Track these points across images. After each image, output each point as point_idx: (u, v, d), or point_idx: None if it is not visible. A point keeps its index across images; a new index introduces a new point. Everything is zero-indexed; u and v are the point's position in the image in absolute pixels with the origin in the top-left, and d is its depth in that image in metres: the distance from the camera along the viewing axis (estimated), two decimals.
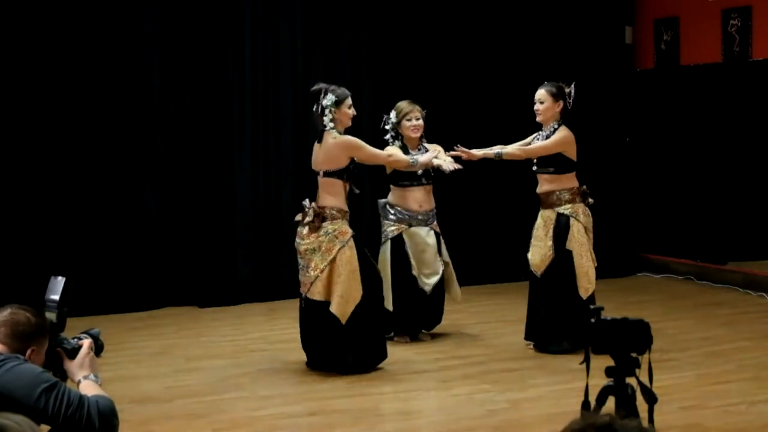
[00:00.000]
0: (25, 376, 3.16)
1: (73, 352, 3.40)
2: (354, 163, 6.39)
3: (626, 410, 3.33)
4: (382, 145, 7.19)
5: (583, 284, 6.75)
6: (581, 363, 3.44)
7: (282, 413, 5.63)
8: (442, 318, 7.34)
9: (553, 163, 6.81)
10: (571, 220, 6.77)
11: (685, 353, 6.72)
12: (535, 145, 6.87)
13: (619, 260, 9.68)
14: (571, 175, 6.88)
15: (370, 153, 6.49)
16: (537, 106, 6.85)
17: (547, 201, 6.86)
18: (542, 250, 6.80)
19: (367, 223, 7.85)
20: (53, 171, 8.10)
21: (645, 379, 3.38)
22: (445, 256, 7.28)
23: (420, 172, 7.08)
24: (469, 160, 6.95)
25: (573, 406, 3.65)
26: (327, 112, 6.31)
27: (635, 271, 9.82)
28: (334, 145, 6.31)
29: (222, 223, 8.60)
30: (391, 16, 9.10)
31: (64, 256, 7.91)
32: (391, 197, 7.22)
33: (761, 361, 6.52)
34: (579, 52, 9.52)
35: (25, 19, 7.94)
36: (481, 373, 6.37)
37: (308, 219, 6.31)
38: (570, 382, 5.86)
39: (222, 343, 7.30)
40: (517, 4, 9.46)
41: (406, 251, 7.09)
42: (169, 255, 8.49)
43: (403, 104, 7.21)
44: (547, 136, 6.83)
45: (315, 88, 6.42)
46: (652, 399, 3.35)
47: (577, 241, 6.76)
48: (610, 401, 3.37)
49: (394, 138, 7.18)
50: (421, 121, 7.15)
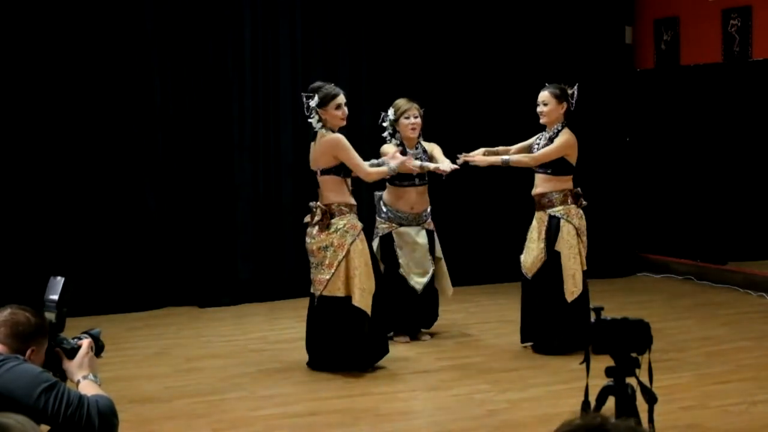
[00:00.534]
0: (25, 376, 3.16)
1: (72, 352, 3.40)
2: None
3: (626, 410, 3.33)
4: (380, 143, 7.19)
5: (569, 287, 6.68)
6: (581, 363, 3.45)
7: (282, 413, 5.63)
8: (439, 316, 7.32)
9: (552, 164, 6.77)
10: (562, 222, 6.72)
11: (685, 353, 6.72)
12: (540, 152, 6.78)
13: (619, 260, 9.69)
14: (568, 178, 6.83)
15: (352, 161, 6.30)
16: (541, 108, 6.80)
17: (540, 202, 6.83)
18: (534, 252, 6.78)
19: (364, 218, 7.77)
20: (53, 171, 8.10)
21: (645, 379, 3.38)
22: (438, 252, 7.24)
23: (415, 173, 7.01)
24: (475, 166, 6.93)
25: (573, 406, 3.65)
26: (313, 113, 6.32)
27: (635, 271, 9.82)
28: (322, 143, 6.32)
29: (222, 223, 8.60)
30: (391, 16, 9.10)
31: (64, 256, 7.91)
32: (386, 195, 7.19)
33: (761, 361, 6.53)
34: (579, 52, 9.52)
35: (26, 19, 7.94)
36: (481, 373, 6.37)
37: (317, 218, 6.31)
38: (570, 382, 5.86)
39: (222, 343, 7.30)
40: (518, 5, 9.46)
41: (395, 250, 7.07)
42: (169, 255, 8.49)
43: (402, 102, 7.16)
44: (551, 138, 6.77)
45: (311, 87, 6.42)
46: (652, 399, 3.35)
47: (567, 243, 6.71)
48: (610, 401, 3.37)
49: (392, 135, 7.15)
50: (419, 120, 7.10)
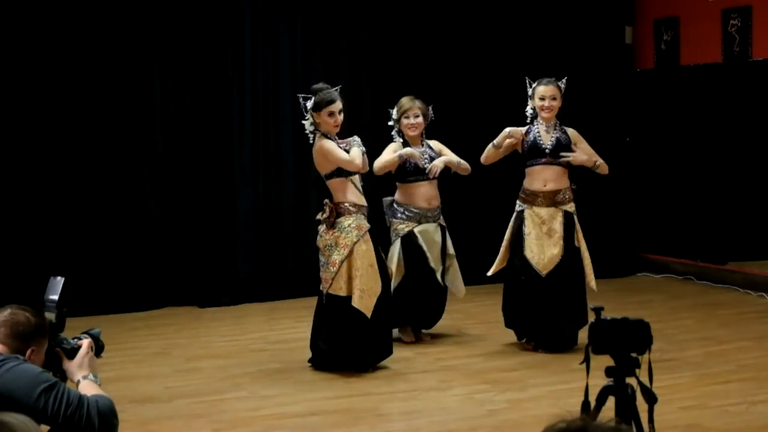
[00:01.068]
0: (25, 376, 3.16)
1: (72, 352, 3.40)
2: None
3: (626, 410, 3.33)
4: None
5: (592, 278, 6.87)
6: (581, 363, 3.45)
7: (282, 413, 5.63)
8: (442, 316, 7.32)
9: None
10: (575, 218, 6.84)
11: (685, 353, 6.72)
12: (592, 151, 6.90)
13: (619, 260, 9.68)
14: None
15: (339, 161, 6.27)
16: (549, 103, 6.77)
17: (555, 199, 6.81)
18: (553, 250, 6.74)
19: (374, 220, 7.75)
20: (53, 171, 8.10)
21: (645, 379, 3.38)
22: (450, 249, 7.18)
23: (426, 168, 6.96)
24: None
25: (573, 406, 3.65)
26: (308, 116, 6.33)
27: (635, 271, 9.81)
28: (314, 153, 6.37)
29: (222, 223, 8.60)
30: (391, 16, 9.10)
31: (64, 256, 7.91)
32: (399, 196, 7.08)
33: (761, 361, 6.52)
34: (579, 52, 9.51)
35: (26, 20, 7.94)
36: (481, 373, 6.37)
37: (324, 215, 6.33)
38: (570, 382, 5.85)
39: (222, 343, 7.30)
40: (517, 4, 9.46)
41: (420, 245, 6.97)
42: (169, 255, 8.49)
43: (404, 101, 7.09)
44: (563, 132, 6.86)
45: (312, 87, 6.43)
46: (652, 399, 3.36)
47: (582, 238, 6.88)
48: (610, 401, 3.37)
49: (399, 134, 7.07)
50: (420, 119, 7.03)
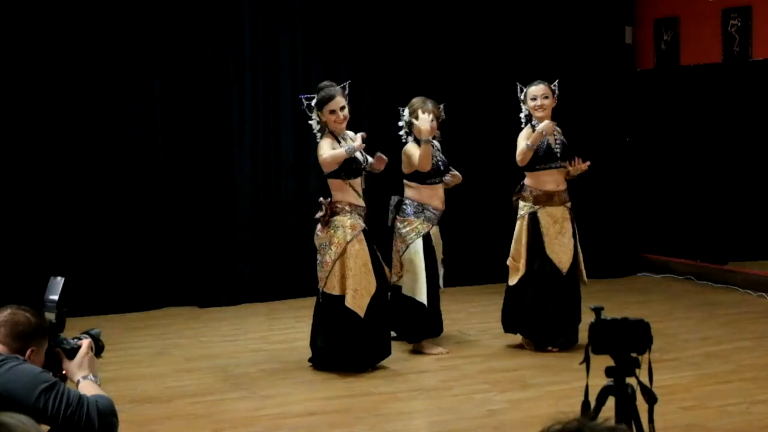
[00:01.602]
0: (25, 376, 3.16)
1: (72, 353, 3.40)
2: (354, 161, 6.37)
3: (626, 410, 3.33)
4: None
5: (584, 272, 6.95)
6: (581, 363, 3.45)
7: (282, 413, 5.63)
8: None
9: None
10: (572, 216, 6.95)
11: (685, 353, 6.72)
12: None
13: (619, 260, 9.68)
14: None
15: (322, 159, 6.30)
16: (541, 102, 6.80)
17: (561, 198, 6.89)
18: (569, 247, 6.84)
19: (377, 219, 7.68)
20: (53, 171, 8.10)
21: (645, 379, 3.38)
22: (441, 252, 7.13)
23: (442, 169, 6.89)
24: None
25: (573, 406, 3.65)
26: (313, 116, 6.35)
27: (635, 271, 9.81)
28: (317, 152, 6.39)
29: (222, 223, 8.60)
30: (391, 16, 9.09)
31: (64, 256, 7.91)
32: (417, 195, 6.85)
33: (761, 361, 6.52)
34: (579, 52, 9.51)
35: (26, 20, 7.93)
36: (481, 373, 6.37)
37: (320, 214, 6.35)
38: (570, 382, 5.86)
39: (222, 343, 7.30)
40: (517, 5, 9.46)
41: (434, 247, 6.92)
42: (169, 255, 8.49)
43: (417, 101, 6.90)
44: (559, 136, 6.93)
45: (318, 86, 6.44)
46: (652, 399, 3.35)
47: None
48: (610, 401, 3.37)
49: (408, 134, 6.93)
50: (434, 123, 6.78)
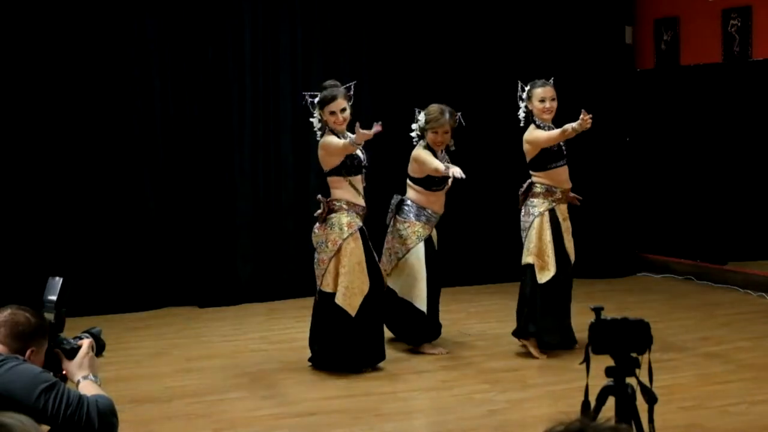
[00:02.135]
0: (25, 376, 3.16)
1: (71, 353, 3.40)
2: (354, 158, 6.37)
3: (626, 410, 3.33)
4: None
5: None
6: (581, 363, 3.45)
7: (282, 413, 5.63)
8: (438, 316, 7.27)
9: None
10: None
11: (685, 353, 6.72)
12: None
13: (619, 260, 9.69)
14: None
15: (333, 149, 6.27)
16: (549, 105, 6.71)
17: (569, 196, 6.88)
18: (571, 243, 6.89)
19: (377, 218, 7.67)
20: (53, 171, 8.10)
21: (645, 379, 3.38)
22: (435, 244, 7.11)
23: (446, 174, 6.67)
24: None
25: (573, 406, 3.65)
26: (315, 114, 6.36)
27: (635, 271, 9.81)
28: (319, 150, 6.40)
29: (222, 224, 8.60)
30: (391, 17, 9.10)
31: (63, 256, 7.92)
32: (420, 198, 6.87)
33: (761, 361, 6.52)
34: (579, 52, 9.52)
35: (26, 20, 7.94)
36: (481, 373, 6.37)
37: (318, 212, 6.36)
38: (570, 382, 5.86)
39: (222, 343, 7.30)
40: (518, 5, 9.46)
41: (434, 252, 6.91)
42: (169, 255, 8.49)
43: (436, 113, 6.77)
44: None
45: (322, 84, 6.45)
46: (652, 399, 3.35)
47: None
48: (610, 401, 3.37)
49: (420, 137, 6.87)
50: (448, 135, 6.80)
